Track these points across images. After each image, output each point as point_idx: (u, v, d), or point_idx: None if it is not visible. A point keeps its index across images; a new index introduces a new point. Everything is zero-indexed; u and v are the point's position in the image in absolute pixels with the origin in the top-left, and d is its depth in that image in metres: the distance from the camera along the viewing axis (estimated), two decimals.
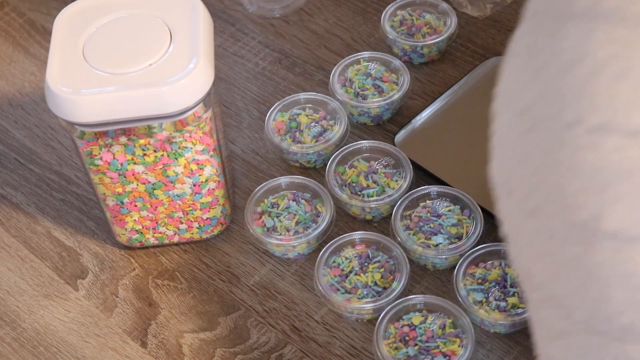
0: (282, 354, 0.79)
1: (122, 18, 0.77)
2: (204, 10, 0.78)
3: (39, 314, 0.83)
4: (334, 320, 0.81)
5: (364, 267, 0.81)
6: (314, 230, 0.83)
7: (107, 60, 0.74)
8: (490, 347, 0.78)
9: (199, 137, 0.77)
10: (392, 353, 0.75)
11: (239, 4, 1.06)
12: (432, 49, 0.97)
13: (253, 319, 0.81)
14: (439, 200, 0.84)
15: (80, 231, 0.88)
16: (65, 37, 0.76)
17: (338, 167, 0.87)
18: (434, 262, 0.82)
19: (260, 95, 0.98)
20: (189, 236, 0.85)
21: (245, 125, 0.95)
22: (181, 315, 0.82)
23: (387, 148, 0.88)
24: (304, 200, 0.85)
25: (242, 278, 0.84)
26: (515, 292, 0.78)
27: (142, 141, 0.76)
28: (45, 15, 1.07)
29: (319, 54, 1.01)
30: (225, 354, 0.79)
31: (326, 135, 0.90)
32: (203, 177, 0.80)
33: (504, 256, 0.81)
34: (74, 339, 0.81)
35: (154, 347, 0.80)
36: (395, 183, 0.86)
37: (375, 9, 1.04)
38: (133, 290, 0.84)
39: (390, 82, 0.93)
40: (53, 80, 0.73)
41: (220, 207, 0.84)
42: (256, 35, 1.03)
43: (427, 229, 0.82)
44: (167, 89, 0.72)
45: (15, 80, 1.01)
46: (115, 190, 0.79)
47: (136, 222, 0.83)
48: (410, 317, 0.78)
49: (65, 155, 0.94)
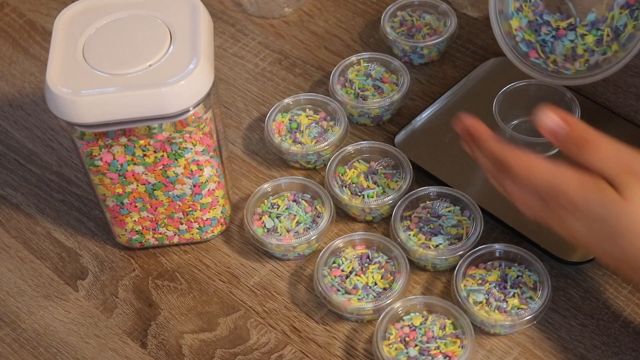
0: (282, 354, 0.79)
1: (122, 19, 0.77)
2: (204, 11, 0.78)
3: (38, 314, 0.83)
4: (334, 321, 0.81)
5: (364, 267, 0.81)
6: (314, 231, 0.83)
7: (107, 61, 0.74)
8: (490, 348, 0.78)
9: (199, 137, 0.77)
10: (392, 354, 0.75)
11: (239, 5, 1.06)
12: (432, 49, 0.97)
13: (253, 320, 0.81)
14: (438, 201, 0.84)
15: (80, 232, 0.88)
16: (65, 37, 0.76)
17: (338, 167, 0.87)
18: (434, 263, 0.82)
19: (260, 96, 0.98)
20: (189, 237, 0.85)
21: (245, 126, 0.95)
22: (181, 316, 0.82)
23: (387, 149, 0.88)
24: (304, 201, 0.85)
25: (242, 279, 0.84)
26: (515, 293, 0.78)
27: (142, 142, 0.76)
28: (45, 16, 1.07)
29: (319, 54, 1.01)
30: (225, 355, 0.79)
31: (326, 136, 0.90)
32: (203, 177, 0.80)
33: (503, 257, 0.81)
34: (73, 339, 0.81)
35: (153, 347, 0.80)
36: (395, 184, 0.86)
37: (375, 10, 1.04)
38: (133, 291, 0.84)
39: (390, 82, 0.93)
40: (53, 81, 0.73)
41: (220, 207, 0.84)
42: (256, 36, 1.03)
43: (427, 229, 0.82)
44: (167, 89, 0.72)
45: (15, 81, 1.01)
46: (115, 191, 0.79)
47: (136, 222, 0.83)
48: (411, 317, 0.78)
49: (65, 156, 0.94)
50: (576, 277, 0.82)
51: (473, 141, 0.74)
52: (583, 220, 0.68)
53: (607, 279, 0.81)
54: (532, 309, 0.77)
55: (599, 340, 0.78)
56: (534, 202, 0.71)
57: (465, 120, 0.74)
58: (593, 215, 0.67)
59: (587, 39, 0.76)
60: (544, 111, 0.70)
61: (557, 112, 0.70)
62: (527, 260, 0.80)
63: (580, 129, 0.69)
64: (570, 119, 0.70)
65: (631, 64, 0.96)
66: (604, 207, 0.66)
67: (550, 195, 0.69)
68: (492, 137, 0.72)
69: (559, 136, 0.69)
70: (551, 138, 0.70)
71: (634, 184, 0.66)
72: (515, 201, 0.73)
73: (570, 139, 0.69)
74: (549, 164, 0.69)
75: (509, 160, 0.70)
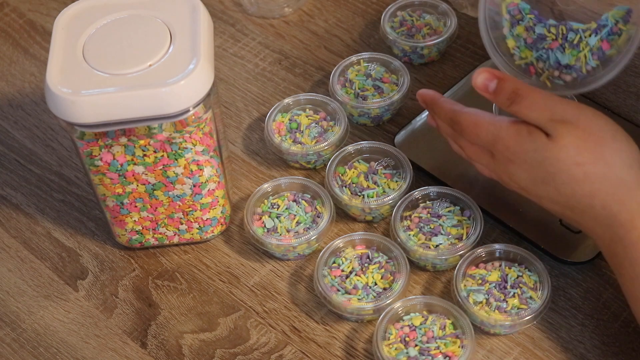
0: (282, 354, 0.79)
1: (122, 19, 0.77)
2: (204, 11, 0.78)
3: (38, 314, 0.83)
4: (334, 321, 0.81)
5: (364, 267, 0.81)
6: (314, 231, 0.83)
7: (107, 61, 0.74)
8: (490, 348, 0.78)
9: (199, 137, 0.77)
10: (392, 354, 0.75)
11: (239, 5, 1.06)
12: (432, 49, 0.97)
13: (253, 320, 0.81)
14: (439, 201, 0.84)
15: (80, 232, 0.88)
16: (65, 37, 0.76)
17: (338, 167, 0.87)
18: (434, 263, 0.82)
19: (260, 96, 0.98)
20: (189, 237, 0.85)
21: (246, 126, 0.95)
22: (181, 316, 0.82)
23: (387, 149, 0.88)
24: (304, 201, 0.85)
25: (242, 279, 0.84)
26: (515, 293, 0.78)
27: (142, 142, 0.76)
28: (45, 16, 1.07)
29: (319, 54, 1.01)
30: (225, 355, 0.79)
31: (326, 136, 0.90)
32: (203, 177, 0.80)
33: (503, 257, 0.81)
34: (73, 339, 0.81)
35: (154, 347, 0.80)
36: (395, 184, 0.86)
37: (375, 10, 1.04)
38: (133, 291, 0.84)
39: (390, 82, 0.93)
40: (53, 81, 0.73)
41: (220, 207, 0.84)
42: (256, 36, 1.03)
43: (427, 229, 0.82)
44: (167, 89, 0.72)
45: (15, 81, 1.01)
46: (115, 191, 0.79)
47: (136, 222, 0.83)
48: (411, 317, 0.78)
49: (65, 156, 0.94)
50: (576, 277, 0.82)
51: (431, 108, 0.80)
52: (523, 166, 0.73)
53: (607, 279, 0.81)
54: (532, 309, 0.77)
55: (599, 340, 0.78)
56: (485, 157, 0.76)
57: (422, 91, 0.81)
58: (530, 161, 0.72)
59: (572, 52, 0.77)
60: (478, 71, 0.75)
61: (489, 70, 0.74)
62: (527, 260, 0.80)
63: (510, 83, 0.73)
64: (501, 75, 0.74)
65: (631, 64, 0.96)
66: (537, 152, 0.72)
67: (495, 147, 0.74)
68: (444, 99, 0.79)
69: (490, 91, 0.74)
70: (484, 93, 0.75)
71: (561, 128, 0.71)
72: (470, 158, 0.79)
73: (501, 92, 0.73)
74: (493, 118, 0.75)
75: (459, 118, 0.76)
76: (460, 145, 0.79)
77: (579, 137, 0.71)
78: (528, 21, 0.76)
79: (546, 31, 0.75)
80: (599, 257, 0.81)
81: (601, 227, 0.72)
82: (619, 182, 0.70)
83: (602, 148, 0.71)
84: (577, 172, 0.71)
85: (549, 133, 0.72)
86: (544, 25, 0.75)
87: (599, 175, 0.70)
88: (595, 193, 0.71)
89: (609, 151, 0.71)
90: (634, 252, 0.70)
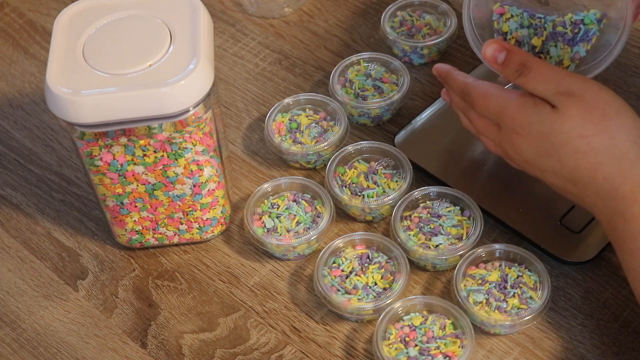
0: (282, 354, 0.79)
1: (122, 19, 0.77)
2: (204, 11, 0.78)
3: (38, 314, 0.83)
4: (334, 321, 0.81)
5: (364, 267, 0.81)
6: (314, 231, 0.83)
7: (107, 61, 0.74)
8: (490, 348, 0.78)
9: (199, 137, 0.77)
10: (392, 354, 0.75)
11: (239, 5, 1.06)
12: (432, 49, 0.97)
13: (253, 320, 0.81)
14: (439, 201, 0.84)
15: (80, 232, 0.88)
16: (65, 37, 0.76)
17: (338, 167, 0.87)
18: (434, 263, 0.82)
19: (260, 96, 0.98)
20: (189, 237, 0.85)
21: (246, 126, 0.95)
22: (181, 316, 0.82)
23: (387, 149, 0.88)
24: (304, 201, 0.85)
25: (242, 279, 0.84)
26: (515, 293, 0.78)
27: (142, 142, 0.76)
28: (45, 16, 1.07)
29: (319, 54, 1.01)
30: (225, 355, 0.79)
31: (326, 136, 0.90)
32: (203, 177, 0.80)
33: (503, 257, 0.81)
34: (73, 339, 0.81)
35: (154, 347, 0.80)
36: (395, 184, 0.86)
37: (375, 10, 1.04)
38: (133, 291, 0.84)
39: (390, 82, 0.93)
40: (53, 81, 0.73)
41: (220, 207, 0.84)
42: (256, 36, 1.03)
43: (427, 229, 0.82)
44: (167, 89, 0.72)
45: (15, 81, 1.01)
46: (115, 191, 0.79)
47: (136, 222, 0.83)
48: (411, 317, 0.78)
49: (65, 156, 0.94)
50: (576, 277, 0.82)
51: (445, 81, 0.82)
52: (528, 137, 0.74)
53: (607, 279, 0.81)
54: (532, 309, 0.77)
55: (599, 340, 0.78)
56: (492, 129, 0.77)
57: (437, 65, 0.83)
58: (535, 132, 0.73)
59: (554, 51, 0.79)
60: (487, 42, 0.76)
61: (498, 42, 0.75)
62: (527, 260, 0.80)
63: (518, 55, 0.74)
64: (510, 47, 0.75)
65: (631, 64, 0.96)
66: (542, 123, 0.72)
67: (501, 119, 0.75)
68: (457, 72, 0.81)
69: (499, 62, 0.75)
70: (492, 65, 0.76)
71: (567, 101, 0.71)
72: (478, 132, 0.79)
73: (510, 64, 0.74)
74: (501, 91, 0.76)
75: (469, 89, 0.78)
76: (469, 118, 0.80)
77: (584, 110, 0.71)
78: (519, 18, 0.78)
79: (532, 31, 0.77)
80: (599, 257, 0.81)
81: (603, 200, 0.72)
82: (622, 156, 0.71)
83: (606, 121, 0.71)
84: (581, 144, 0.71)
85: (554, 105, 0.72)
86: (531, 19, 0.77)
87: (603, 148, 0.71)
88: (598, 166, 0.71)
89: (613, 125, 0.71)
90: (634, 226, 0.70)
